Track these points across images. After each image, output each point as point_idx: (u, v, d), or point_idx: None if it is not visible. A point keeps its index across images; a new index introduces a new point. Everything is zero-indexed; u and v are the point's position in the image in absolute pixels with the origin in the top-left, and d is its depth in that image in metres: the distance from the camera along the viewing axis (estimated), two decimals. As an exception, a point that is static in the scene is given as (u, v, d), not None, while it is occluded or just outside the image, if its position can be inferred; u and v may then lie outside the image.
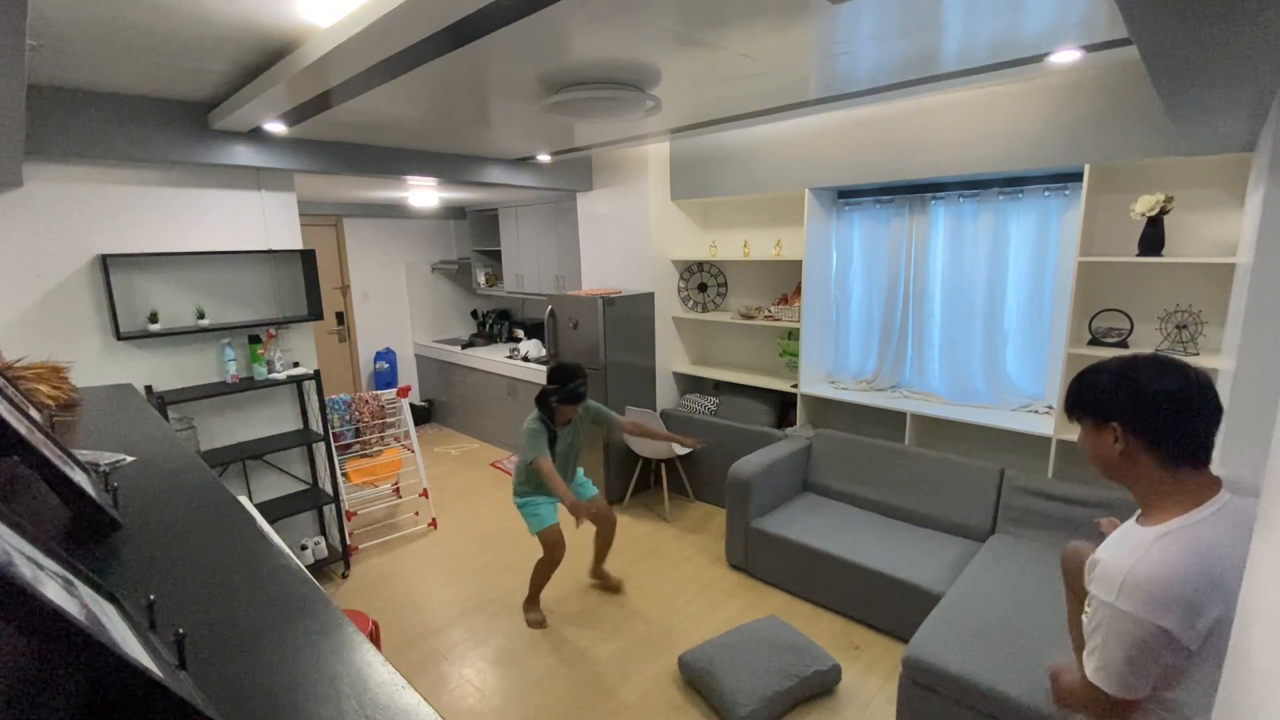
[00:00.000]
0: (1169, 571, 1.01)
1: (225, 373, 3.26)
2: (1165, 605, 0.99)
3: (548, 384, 2.98)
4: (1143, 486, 1.11)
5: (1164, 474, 1.08)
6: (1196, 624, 0.98)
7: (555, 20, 1.77)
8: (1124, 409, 1.10)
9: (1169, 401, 1.06)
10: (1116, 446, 1.11)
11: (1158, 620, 0.99)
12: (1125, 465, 1.11)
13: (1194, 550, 1.01)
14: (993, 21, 1.96)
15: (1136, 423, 1.08)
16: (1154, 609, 0.99)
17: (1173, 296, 2.81)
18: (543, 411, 3.01)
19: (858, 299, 4.03)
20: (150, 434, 1.41)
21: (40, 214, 2.77)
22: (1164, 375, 1.08)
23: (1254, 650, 0.70)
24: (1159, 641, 1.00)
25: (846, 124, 3.52)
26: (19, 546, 0.51)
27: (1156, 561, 1.02)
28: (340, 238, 6.24)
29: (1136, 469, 1.10)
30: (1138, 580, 1.02)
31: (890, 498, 3.41)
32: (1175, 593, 0.99)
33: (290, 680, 0.62)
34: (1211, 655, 0.98)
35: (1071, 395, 1.19)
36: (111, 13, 1.84)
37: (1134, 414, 1.09)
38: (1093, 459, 1.17)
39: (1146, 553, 1.03)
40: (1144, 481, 1.10)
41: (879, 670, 2.71)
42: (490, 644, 2.98)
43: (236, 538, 0.93)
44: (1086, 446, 1.18)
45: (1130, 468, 1.11)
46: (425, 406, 6.78)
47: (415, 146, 3.75)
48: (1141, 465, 1.09)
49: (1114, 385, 1.12)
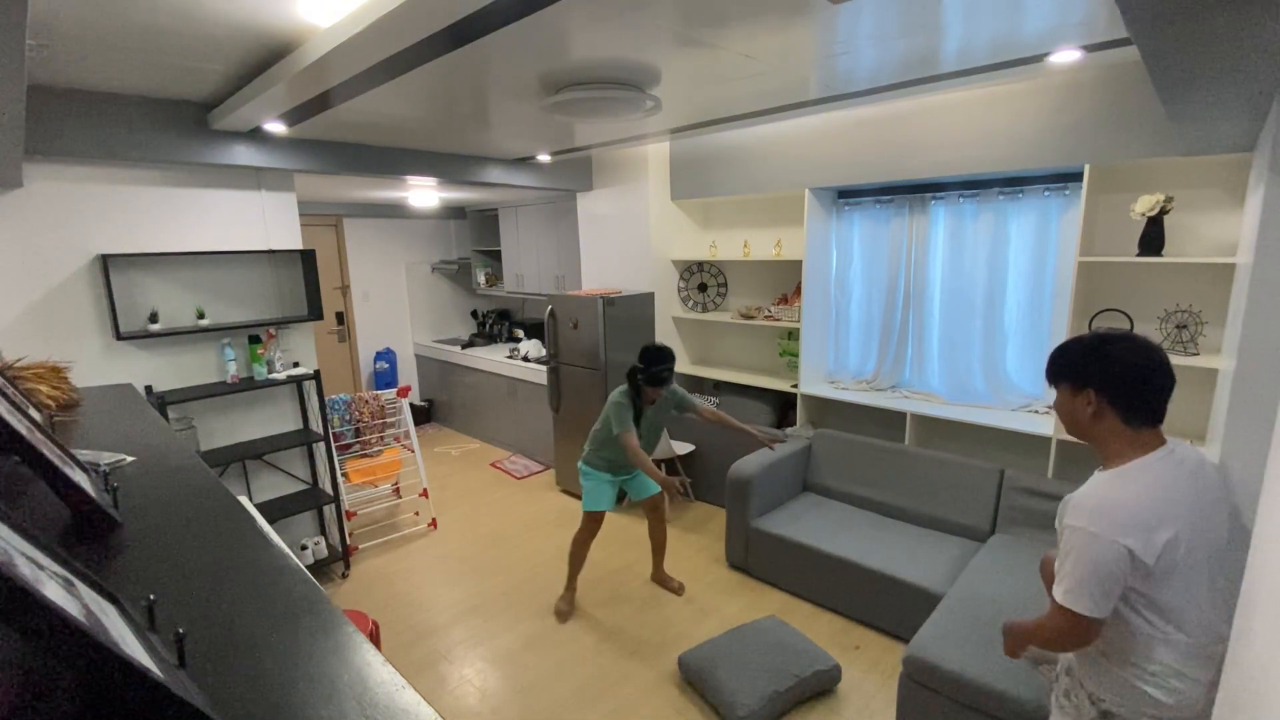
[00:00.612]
0: (1130, 499, 1.24)
1: (225, 373, 3.26)
2: (1128, 527, 1.21)
3: (637, 363, 2.98)
4: (1107, 441, 1.32)
5: (1127, 431, 1.29)
6: (1153, 542, 1.20)
7: (555, 20, 1.77)
8: (1098, 377, 1.30)
9: (1136, 372, 1.28)
10: (1089, 409, 1.32)
11: (1123, 540, 1.20)
12: (1095, 424, 1.32)
13: (1149, 484, 1.25)
14: (993, 22, 1.96)
15: (1108, 388, 1.29)
16: (1119, 530, 1.20)
17: (1173, 296, 2.81)
18: (631, 387, 3.01)
19: (858, 299, 4.03)
20: (150, 434, 1.41)
21: (40, 214, 2.77)
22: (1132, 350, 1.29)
23: (1254, 649, 0.70)
24: (1122, 560, 1.20)
25: (846, 124, 3.52)
26: (19, 546, 0.51)
27: (1118, 492, 1.25)
28: (340, 238, 6.24)
29: (1103, 427, 1.31)
30: (1105, 507, 1.24)
31: (890, 498, 3.41)
32: (1136, 517, 1.21)
33: (290, 680, 0.62)
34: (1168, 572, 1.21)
35: (1053, 363, 1.40)
36: (111, 13, 1.84)
37: (1106, 381, 1.29)
38: (1065, 418, 1.39)
39: (1110, 487, 1.27)
40: (1108, 437, 1.31)
41: (879, 670, 2.71)
42: (490, 644, 2.98)
43: (236, 538, 0.93)
44: (1062, 408, 1.39)
45: (1098, 426, 1.32)
46: (425, 406, 6.78)
47: (415, 146, 3.75)
48: (1108, 424, 1.30)
49: (1090, 356, 1.33)
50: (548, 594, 3.38)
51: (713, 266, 4.72)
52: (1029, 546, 2.86)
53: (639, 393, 3.00)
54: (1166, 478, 1.26)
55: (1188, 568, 1.23)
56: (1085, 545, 1.23)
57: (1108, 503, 1.24)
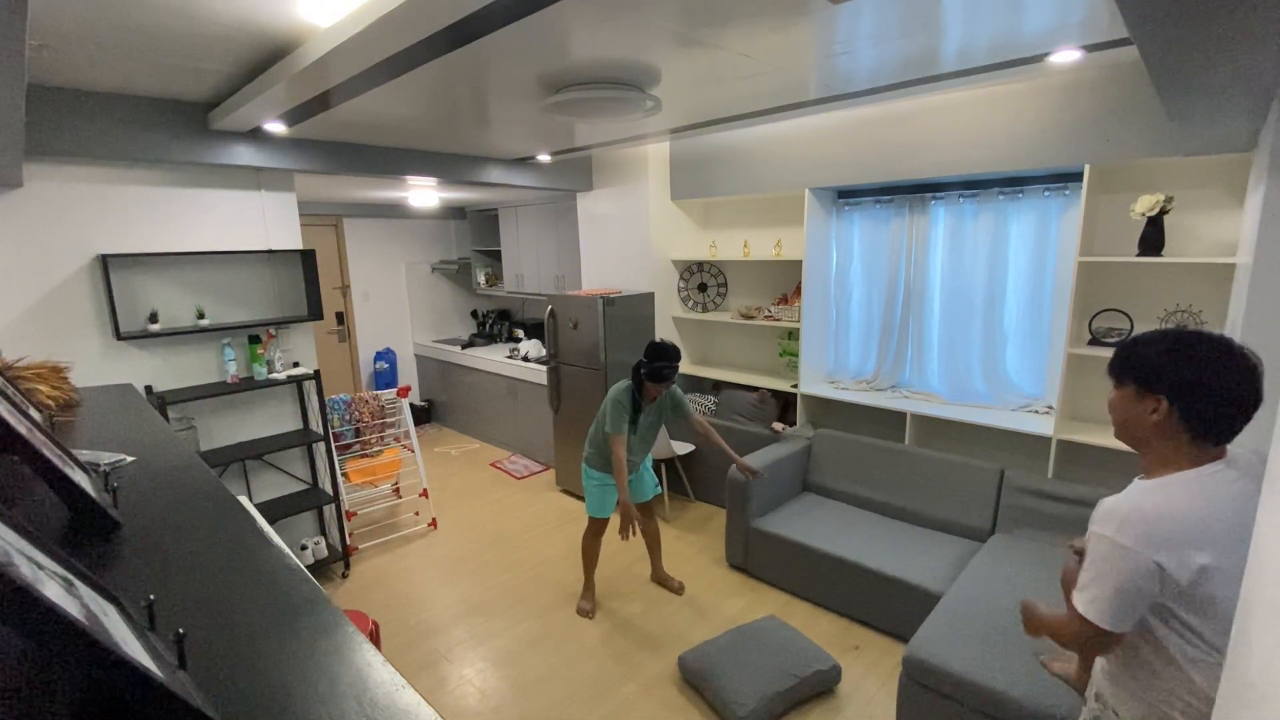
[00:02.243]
0: (1167, 512, 1.09)
1: (225, 373, 3.26)
2: (1160, 542, 1.07)
3: (643, 357, 2.97)
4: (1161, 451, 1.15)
5: (1189, 446, 1.12)
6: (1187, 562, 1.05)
7: (555, 20, 1.77)
8: (1174, 384, 1.12)
9: (1222, 390, 1.09)
10: (1154, 416, 1.14)
11: (1152, 555, 1.06)
12: (1154, 433, 1.15)
13: (1191, 498, 1.09)
14: (993, 22, 1.96)
15: (1183, 399, 1.11)
16: (1150, 544, 1.07)
17: (1173, 296, 2.81)
18: (634, 383, 3.01)
19: (858, 299, 4.03)
20: (150, 434, 1.41)
21: (40, 214, 2.77)
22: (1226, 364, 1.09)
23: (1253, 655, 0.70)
24: (1150, 576, 1.07)
25: (846, 124, 3.52)
26: (19, 546, 0.51)
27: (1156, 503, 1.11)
28: (340, 238, 6.24)
29: (1163, 438, 1.14)
30: (1137, 517, 1.10)
31: (890, 498, 3.41)
32: (1169, 531, 1.07)
33: (290, 680, 0.62)
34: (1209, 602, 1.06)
35: (1123, 357, 1.21)
36: (112, 13, 1.84)
37: (1184, 394, 1.11)
38: (1120, 418, 1.21)
39: (1147, 496, 1.12)
40: (1165, 448, 1.14)
41: (879, 670, 2.71)
42: (490, 644, 2.98)
43: (236, 538, 0.93)
44: (1119, 406, 1.21)
45: (1158, 436, 1.14)
46: (425, 406, 6.78)
47: (415, 146, 3.75)
48: (1170, 436, 1.13)
49: (1172, 362, 1.13)
50: (548, 594, 3.38)
51: (713, 266, 4.72)
52: (1029, 546, 2.86)
53: (640, 388, 2.99)
54: (1213, 494, 1.09)
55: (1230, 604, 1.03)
56: (1110, 556, 1.11)
57: (1139, 513, 1.10)
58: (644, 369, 2.94)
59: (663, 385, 2.97)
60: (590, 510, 3.16)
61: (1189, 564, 1.06)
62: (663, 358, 2.92)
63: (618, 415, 2.93)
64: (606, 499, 3.12)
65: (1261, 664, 0.66)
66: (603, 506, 3.13)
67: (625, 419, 2.95)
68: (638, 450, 3.12)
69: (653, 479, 3.31)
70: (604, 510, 3.13)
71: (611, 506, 3.12)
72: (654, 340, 3.00)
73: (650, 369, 2.92)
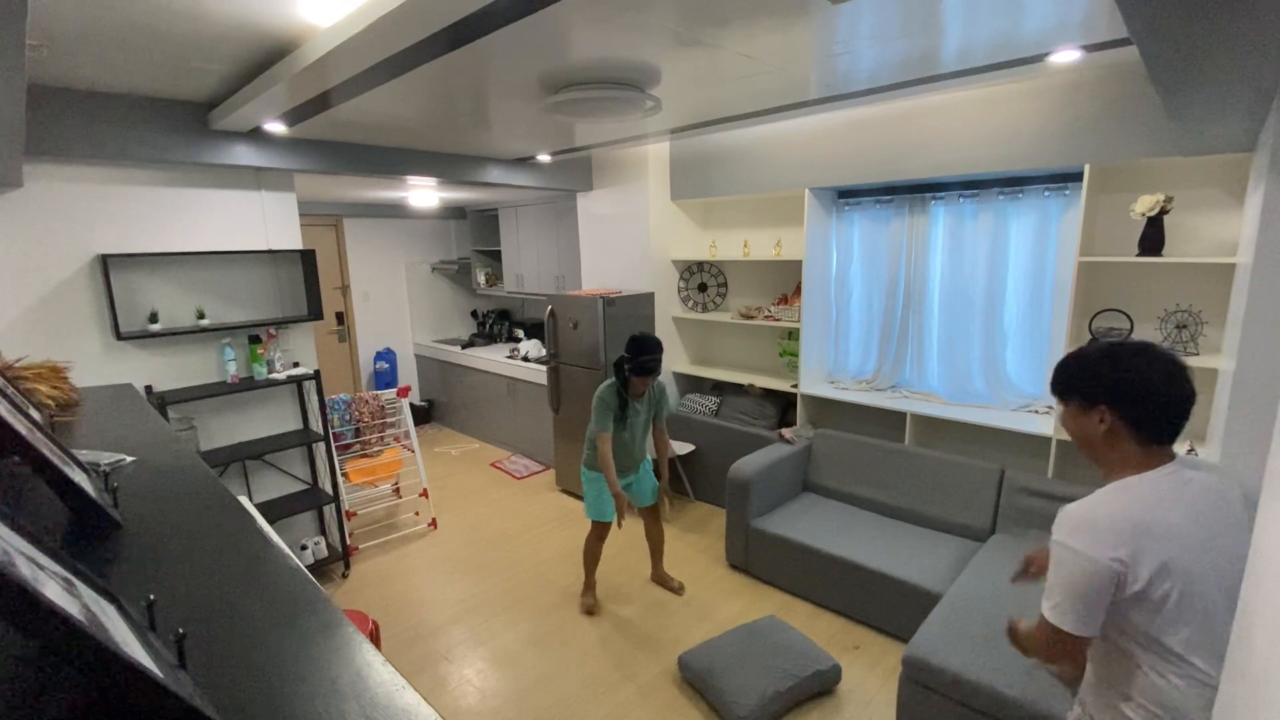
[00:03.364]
0: (1122, 514, 1.13)
1: (225, 373, 3.26)
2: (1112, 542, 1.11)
3: (624, 352, 2.97)
4: (1114, 459, 1.21)
5: (1138, 449, 1.18)
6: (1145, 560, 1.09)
7: (555, 20, 1.77)
8: (1112, 394, 1.19)
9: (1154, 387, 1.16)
10: (1101, 426, 1.20)
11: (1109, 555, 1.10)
12: (1105, 442, 1.21)
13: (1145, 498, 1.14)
14: (993, 21, 1.96)
15: (1124, 407, 1.17)
16: (1102, 545, 1.11)
17: (1173, 296, 2.81)
18: (618, 379, 3.00)
19: (858, 299, 4.03)
20: (150, 434, 1.41)
21: (40, 214, 2.77)
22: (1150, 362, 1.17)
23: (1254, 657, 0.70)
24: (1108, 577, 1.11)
25: (846, 124, 3.52)
26: (19, 546, 0.51)
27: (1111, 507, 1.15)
28: (340, 238, 6.24)
29: (1114, 446, 1.20)
30: (1093, 522, 1.14)
31: (890, 498, 3.41)
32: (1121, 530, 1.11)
33: (290, 680, 0.62)
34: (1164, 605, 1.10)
35: (1060, 376, 1.27)
36: (112, 13, 1.84)
37: (1121, 399, 1.18)
38: (1076, 436, 1.27)
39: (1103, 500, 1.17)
40: (1117, 456, 1.21)
41: (879, 670, 2.71)
42: (490, 644, 2.98)
43: (236, 538, 0.93)
44: (1070, 423, 1.27)
45: (1109, 445, 1.21)
46: (425, 406, 6.78)
47: (415, 146, 3.75)
48: (1120, 442, 1.19)
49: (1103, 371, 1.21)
50: (548, 594, 3.38)
51: (713, 266, 4.72)
52: (1029, 546, 2.85)
53: (625, 385, 2.99)
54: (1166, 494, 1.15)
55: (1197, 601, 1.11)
56: (1068, 561, 1.15)
57: (1095, 517, 1.15)
58: (628, 364, 2.93)
59: (649, 378, 2.96)
60: (590, 514, 3.14)
61: (1148, 562, 1.09)
62: (647, 350, 2.91)
63: (603, 413, 2.94)
64: (605, 502, 3.09)
65: (1262, 663, 0.66)
66: (602, 510, 3.10)
67: (610, 416, 2.95)
68: (631, 448, 3.11)
69: (653, 482, 3.28)
70: (604, 514, 3.10)
71: (611, 511, 3.09)
72: (634, 335, 2.99)
73: (635, 363, 2.91)
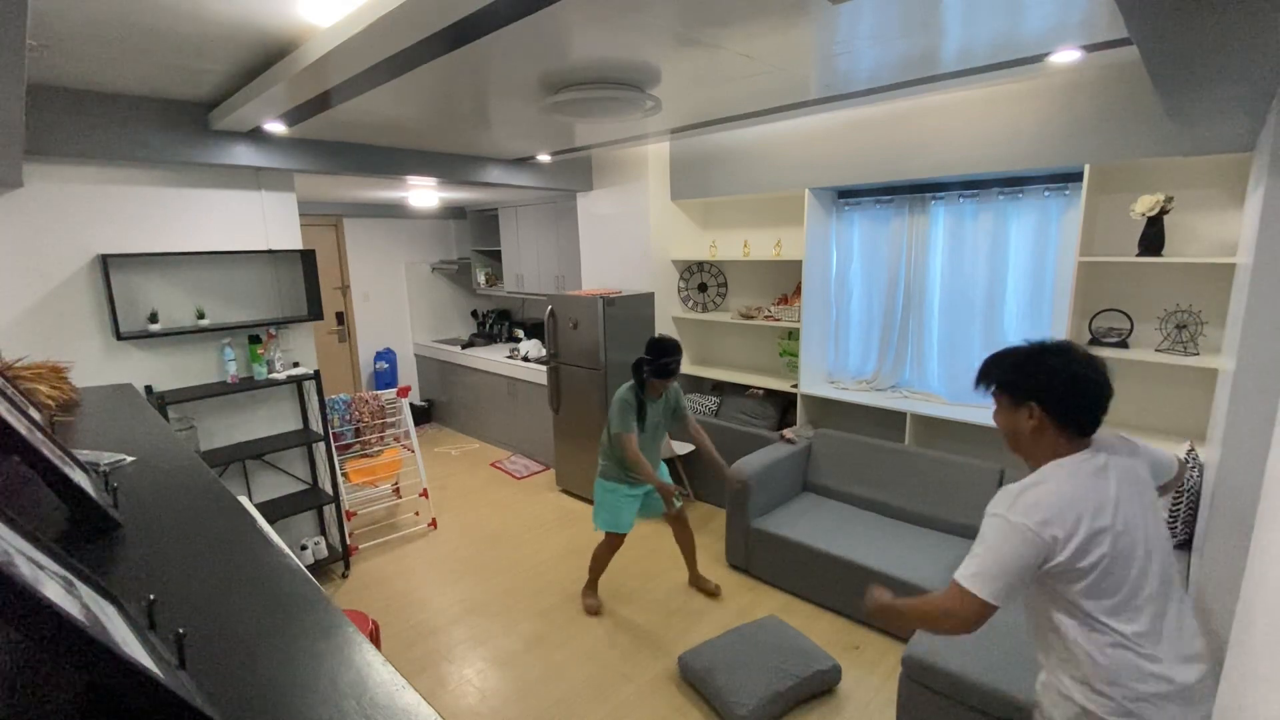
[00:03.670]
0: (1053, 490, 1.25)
1: (225, 373, 3.26)
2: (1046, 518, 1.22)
3: (644, 354, 2.94)
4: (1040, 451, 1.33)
5: (1063, 441, 1.31)
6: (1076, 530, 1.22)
7: (555, 20, 1.77)
8: (1039, 391, 1.30)
9: (1077, 384, 1.27)
10: (1030, 422, 1.32)
11: (1044, 531, 1.22)
12: (1033, 437, 1.33)
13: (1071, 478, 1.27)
14: (993, 21, 1.96)
15: (1050, 403, 1.29)
16: (1041, 522, 1.22)
17: (1173, 296, 2.81)
18: (636, 380, 2.97)
19: (858, 299, 4.03)
20: (150, 434, 1.41)
21: (40, 214, 2.77)
22: (1073, 361, 1.28)
23: (1254, 653, 0.70)
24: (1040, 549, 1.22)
25: (846, 124, 3.52)
26: (19, 546, 0.51)
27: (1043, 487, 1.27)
28: (340, 238, 6.24)
29: (1042, 440, 1.32)
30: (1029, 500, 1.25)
31: (890, 498, 3.41)
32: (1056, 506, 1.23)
33: (290, 680, 0.62)
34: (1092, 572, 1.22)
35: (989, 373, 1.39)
36: (112, 13, 1.84)
37: (1048, 396, 1.29)
38: (1006, 430, 1.39)
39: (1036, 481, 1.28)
40: (1044, 448, 1.33)
41: (879, 670, 2.71)
42: (490, 644, 2.98)
43: (236, 538, 0.93)
44: (1000, 419, 1.39)
45: (1037, 439, 1.33)
46: (425, 406, 6.78)
47: (415, 146, 3.75)
48: (1047, 436, 1.31)
49: (1030, 370, 1.32)
50: (548, 594, 3.38)
51: (713, 266, 4.72)
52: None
53: (643, 386, 2.97)
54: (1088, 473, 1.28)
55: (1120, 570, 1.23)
56: (1002, 531, 1.24)
57: (1030, 494, 1.26)
58: (647, 366, 2.91)
59: (668, 381, 2.95)
60: (604, 524, 3.08)
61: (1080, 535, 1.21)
62: (668, 352, 2.89)
63: (626, 414, 2.91)
64: (621, 513, 3.05)
65: (1263, 661, 0.66)
66: (617, 521, 3.05)
67: (633, 417, 2.92)
68: (649, 451, 3.07)
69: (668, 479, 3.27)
70: (618, 525, 3.06)
71: (627, 522, 3.07)
72: (654, 336, 2.98)
73: (655, 366, 2.89)
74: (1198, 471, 2.39)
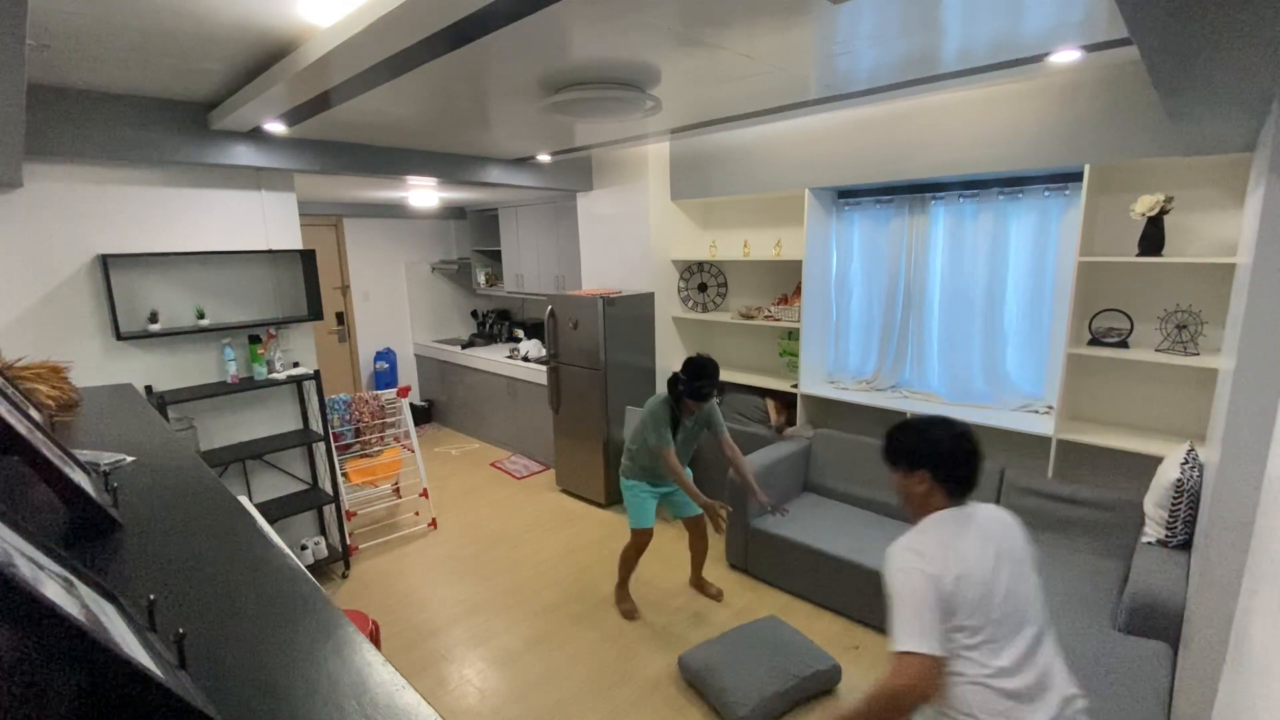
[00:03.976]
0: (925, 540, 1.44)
1: (225, 373, 3.26)
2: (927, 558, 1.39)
3: (680, 373, 2.93)
4: (927, 510, 1.53)
5: (946, 500, 1.51)
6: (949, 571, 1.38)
7: (555, 20, 1.77)
8: (927, 459, 1.51)
9: (959, 454, 1.50)
10: (921, 487, 1.52)
11: (925, 569, 1.38)
12: (923, 498, 1.53)
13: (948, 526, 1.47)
14: (993, 21, 1.96)
15: (938, 470, 1.50)
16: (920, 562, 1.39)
17: (1173, 296, 2.81)
18: (671, 394, 2.96)
19: (858, 299, 4.03)
20: (150, 434, 1.41)
21: (40, 214, 2.77)
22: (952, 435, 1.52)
23: (1254, 651, 0.70)
24: (929, 588, 1.36)
25: (846, 124, 3.52)
26: (19, 546, 0.51)
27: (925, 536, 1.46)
28: (340, 238, 6.24)
29: (929, 499, 1.52)
30: (905, 548, 1.44)
31: (890, 498, 3.39)
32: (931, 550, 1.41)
33: (290, 680, 0.62)
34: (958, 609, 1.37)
35: (890, 448, 1.61)
36: (112, 13, 1.84)
37: (935, 463, 1.51)
38: (902, 494, 1.59)
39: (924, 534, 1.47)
40: (930, 507, 1.52)
41: (879, 670, 2.70)
42: (490, 644, 2.98)
43: (236, 538, 0.93)
44: (898, 484, 1.59)
45: (926, 500, 1.53)
46: (425, 406, 6.78)
47: (415, 146, 3.75)
48: (933, 497, 1.52)
49: (919, 445, 1.54)
50: (548, 594, 3.38)
51: (713, 266, 4.72)
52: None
53: (678, 403, 2.96)
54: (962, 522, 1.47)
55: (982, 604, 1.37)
56: (901, 584, 1.39)
57: (917, 545, 1.44)
58: (683, 386, 2.89)
59: (703, 403, 2.94)
60: (632, 522, 3.11)
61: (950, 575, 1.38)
62: (704, 375, 2.87)
63: (661, 429, 2.90)
64: (646, 509, 3.07)
65: (1261, 662, 0.66)
66: (642, 517, 3.08)
67: (669, 431, 2.91)
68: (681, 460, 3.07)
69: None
70: (644, 521, 3.08)
71: (650, 517, 3.08)
72: (692, 357, 2.93)
73: (691, 388, 2.87)
74: (1198, 471, 2.38)
